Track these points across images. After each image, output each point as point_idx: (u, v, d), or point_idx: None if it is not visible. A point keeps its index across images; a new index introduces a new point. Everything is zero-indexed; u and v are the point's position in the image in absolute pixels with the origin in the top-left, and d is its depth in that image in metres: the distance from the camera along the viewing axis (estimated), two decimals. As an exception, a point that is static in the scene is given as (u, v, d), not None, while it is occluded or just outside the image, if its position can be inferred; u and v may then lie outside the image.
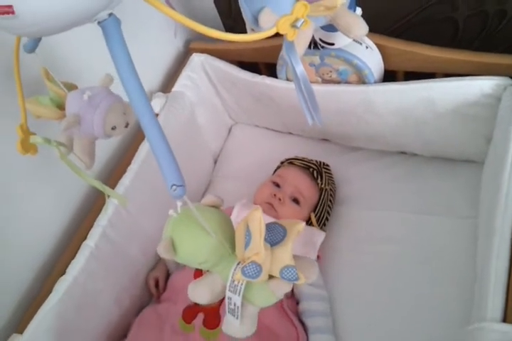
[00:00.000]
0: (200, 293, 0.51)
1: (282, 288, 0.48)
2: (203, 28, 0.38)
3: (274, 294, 0.49)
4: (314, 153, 1.06)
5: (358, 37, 0.63)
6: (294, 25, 0.41)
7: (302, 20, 0.41)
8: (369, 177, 1.04)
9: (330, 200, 0.97)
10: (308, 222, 0.95)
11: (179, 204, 0.47)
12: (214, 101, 1.11)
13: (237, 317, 0.49)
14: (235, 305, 0.48)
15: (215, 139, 1.16)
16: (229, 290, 0.48)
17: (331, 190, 0.97)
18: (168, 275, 0.95)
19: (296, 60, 0.47)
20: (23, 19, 0.34)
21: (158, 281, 0.94)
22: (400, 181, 1.01)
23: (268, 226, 0.48)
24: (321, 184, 0.96)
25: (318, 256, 0.92)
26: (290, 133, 1.16)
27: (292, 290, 0.89)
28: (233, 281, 0.47)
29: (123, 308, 0.87)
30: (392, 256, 0.91)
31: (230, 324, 0.50)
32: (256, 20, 0.52)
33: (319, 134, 1.10)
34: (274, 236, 0.48)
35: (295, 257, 0.49)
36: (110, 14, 0.38)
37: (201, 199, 0.51)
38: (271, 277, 0.48)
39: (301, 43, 0.59)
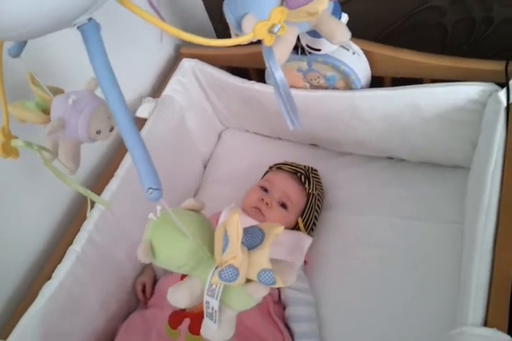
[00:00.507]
0: (179, 297, 0.51)
1: (260, 292, 0.48)
2: (180, 32, 0.39)
3: (251, 298, 0.49)
4: (303, 158, 1.06)
5: (341, 43, 0.64)
6: (271, 31, 0.42)
7: (279, 26, 0.42)
8: (357, 182, 1.04)
9: (318, 205, 0.97)
10: (296, 227, 0.95)
11: (159, 207, 0.47)
12: (204, 106, 1.12)
13: (214, 321, 0.49)
14: (212, 308, 0.48)
15: (205, 144, 1.16)
16: (207, 294, 0.48)
17: (318, 194, 0.98)
18: (155, 281, 0.95)
19: (275, 66, 0.48)
20: (1, 24, 0.35)
21: (145, 286, 0.93)
22: (387, 186, 1.01)
23: (246, 229, 0.49)
24: (309, 189, 0.96)
25: (305, 261, 0.92)
26: (279, 139, 1.16)
27: (279, 295, 0.89)
28: (211, 285, 0.47)
29: (110, 313, 0.87)
30: (379, 262, 0.91)
31: (208, 328, 0.50)
32: (239, 26, 0.52)
33: (308, 139, 1.10)
34: (252, 239, 0.48)
35: (273, 261, 0.49)
36: (90, 19, 0.38)
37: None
38: (249, 281, 0.48)
39: (284, 49, 0.59)
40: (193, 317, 0.81)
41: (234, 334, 0.52)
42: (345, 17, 0.73)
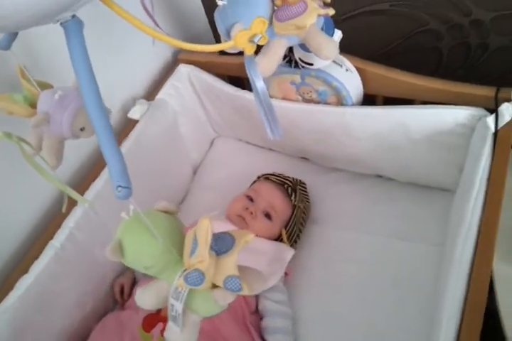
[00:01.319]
0: (146, 299, 0.51)
1: (225, 298, 0.48)
2: (162, 36, 0.39)
3: (217, 304, 0.49)
4: (293, 170, 1.06)
5: (328, 58, 0.65)
6: (251, 41, 0.42)
7: (260, 35, 0.43)
8: (345, 199, 1.04)
9: (302, 218, 0.97)
10: (279, 238, 0.95)
11: (131, 207, 0.47)
12: (198, 113, 1.12)
13: (178, 325, 0.49)
14: (176, 312, 0.48)
15: (196, 150, 1.17)
16: (172, 297, 0.48)
17: (304, 207, 0.98)
18: (134, 283, 0.95)
19: (257, 75, 0.49)
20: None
21: (123, 288, 0.93)
22: (375, 204, 1.02)
23: (217, 235, 0.49)
24: (295, 201, 0.96)
25: (286, 273, 0.92)
26: (271, 150, 1.17)
27: (256, 306, 0.89)
28: (176, 288, 0.48)
29: (85, 312, 0.87)
30: (360, 278, 0.92)
31: (171, 331, 0.50)
32: (229, 35, 0.53)
33: (299, 152, 1.11)
34: (222, 245, 0.48)
35: (242, 268, 0.49)
36: (73, 16, 0.39)
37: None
38: (216, 286, 0.49)
39: (271, 61, 0.60)
40: (167, 322, 0.81)
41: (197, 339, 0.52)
42: (338, 34, 0.74)
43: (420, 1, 0.86)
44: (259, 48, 0.57)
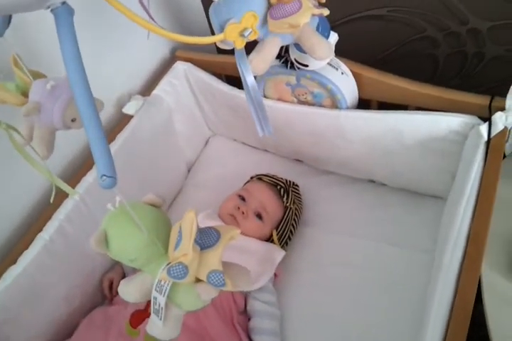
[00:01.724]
0: (129, 291, 0.51)
1: (208, 293, 0.48)
2: (158, 29, 0.40)
3: (199, 298, 0.49)
4: (287, 172, 1.07)
5: (321, 58, 0.65)
6: (242, 34, 0.43)
7: (250, 30, 0.43)
8: (337, 202, 1.05)
9: (294, 220, 0.98)
10: (270, 239, 0.95)
11: (118, 199, 0.47)
12: (193, 110, 1.13)
13: (160, 318, 0.49)
14: (159, 305, 0.48)
15: (191, 147, 1.17)
16: (155, 290, 0.48)
17: (296, 209, 0.98)
18: (123, 278, 0.95)
19: (247, 70, 0.49)
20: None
21: (112, 283, 0.93)
22: (367, 209, 1.02)
23: (203, 229, 0.49)
24: (287, 202, 0.96)
25: (275, 274, 0.92)
26: (266, 151, 1.17)
27: (245, 306, 0.89)
28: (160, 281, 0.48)
29: (73, 306, 0.87)
30: (349, 282, 0.92)
31: (154, 324, 0.50)
32: (223, 30, 0.53)
33: (293, 154, 1.11)
34: (207, 239, 0.48)
35: (227, 264, 0.49)
36: (63, 3, 0.39)
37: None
38: (199, 281, 0.49)
39: (264, 59, 0.60)
40: (153, 317, 0.81)
41: (181, 333, 0.52)
42: (334, 36, 0.74)
43: (418, 7, 0.86)
44: (253, 46, 0.58)
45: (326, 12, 0.60)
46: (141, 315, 0.84)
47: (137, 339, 0.80)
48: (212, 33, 1.13)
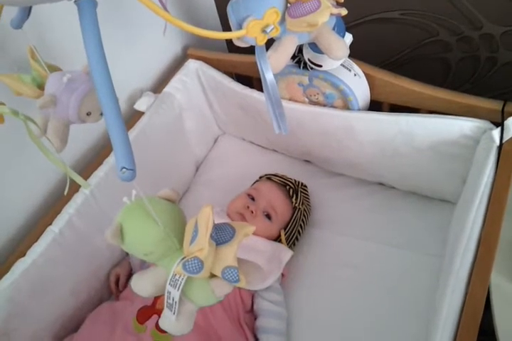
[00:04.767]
0: (143, 286, 0.51)
1: (223, 288, 0.49)
2: (178, 22, 0.40)
3: (213, 294, 0.49)
4: (296, 173, 1.07)
5: (338, 58, 0.65)
6: (264, 31, 0.43)
7: (272, 26, 0.43)
8: (346, 204, 1.05)
9: (302, 220, 0.98)
10: (278, 239, 0.95)
11: (134, 192, 0.48)
12: (203, 109, 1.13)
13: (174, 313, 0.49)
14: (173, 299, 0.49)
15: (200, 146, 1.17)
16: (169, 284, 0.48)
17: (304, 210, 0.98)
18: (130, 274, 0.95)
19: (267, 66, 0.49)
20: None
21: (119, 278, 0.94)
22: (375, 211, 1.02)
23: (218, 225, 0.49)
24: (296, 203, 0.96)
25: (282, 274, 0.92)
26: (275, 151, 1.17)
27: (252, 305, 0.89)
28: (174, 275, 0.48)
29: (80, 300, 0.87)
30: (355, 284, 0.92)
31: (167, 318, 0.50)
32: (240, 28, 0.53)
33: (302, 155, 1.11)
34: (222, 235, 0.49)
35: (242, 261, 0.49)
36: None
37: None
38: (214, 276, 0.49)
39: (281, 57, 0.60)
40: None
41: (192, 330, 0.52)
42: (349, 37, 0.74)
43: (431, 11, 0.86)
44: (269, 45, 0.58)
45: (344, 12, 0.60)
46: (148, 311, 0.84)
47: (144, 334, 0.80)
48: (224, 31, 1.16)
